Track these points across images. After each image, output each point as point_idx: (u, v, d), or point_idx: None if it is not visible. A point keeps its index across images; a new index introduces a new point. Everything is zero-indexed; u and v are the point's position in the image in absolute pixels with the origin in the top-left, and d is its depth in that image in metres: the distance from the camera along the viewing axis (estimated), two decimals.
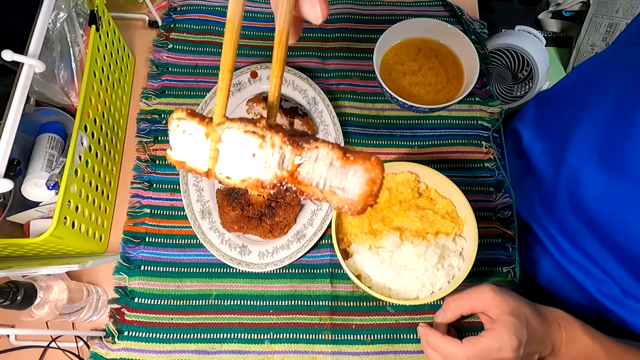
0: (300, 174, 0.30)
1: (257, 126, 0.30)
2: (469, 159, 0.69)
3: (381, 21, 0.79)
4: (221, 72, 0.32)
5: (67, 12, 0.56)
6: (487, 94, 0.74)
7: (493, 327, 0.47)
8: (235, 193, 0.62)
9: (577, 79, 0.64)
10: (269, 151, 0.30)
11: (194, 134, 0.32)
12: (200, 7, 0.79)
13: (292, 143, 0.29)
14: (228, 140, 0.31)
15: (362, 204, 0.29)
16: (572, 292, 0.61)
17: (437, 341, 0.50)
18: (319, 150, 0.29)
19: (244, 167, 0.31)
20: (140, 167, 0.67)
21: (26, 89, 0.46)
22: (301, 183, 0.30)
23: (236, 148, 0.31)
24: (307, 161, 0.29)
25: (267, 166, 0.30)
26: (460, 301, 0.52)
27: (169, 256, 0.63)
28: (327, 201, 0.30)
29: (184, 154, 0.33)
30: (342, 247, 0.59)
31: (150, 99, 0.72)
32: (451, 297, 0.53)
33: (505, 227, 0.65)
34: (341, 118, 0.69)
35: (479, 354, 0.46)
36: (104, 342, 0.57)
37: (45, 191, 0.56)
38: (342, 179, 0.29)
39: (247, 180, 0.31)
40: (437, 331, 0.51)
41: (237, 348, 0.58)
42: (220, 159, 0.31)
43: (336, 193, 0.29)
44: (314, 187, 0.30)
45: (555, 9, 1.53)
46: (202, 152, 0.32)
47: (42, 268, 0.51)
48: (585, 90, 0.59)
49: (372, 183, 0.28)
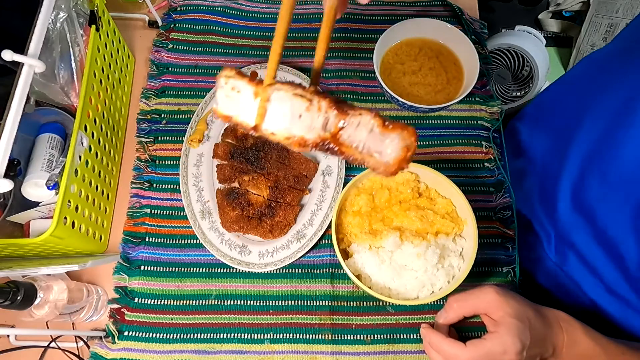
0: (342, 137, 0.33)
1: (305, 91, 0.33)
2: (469, 159, 0.69)
3: (381, 21, 0.79)
4: (275, 38, 0.36)
5: (67, 12, 0.56)
6: (487, 94, 0.74)
7: (496, 330, 0.47)
8: (235, 193, 0.62)
9: (577, 78, 0.64)
10: (315, 114, 0.33)
11: (243, 92, 0.35)
12: (200, 7, 0.79)
13: (338, 108, 0.33)
14: (276, 100, 0.34)
15: (396, 166, 0.33)
16: (570, 292, 0.61)
17: (440, 344, 0.49)
18: (362, 117, 0.33)
19: (290, 126, 0.34)
20: (140, 167, 0.67)
21: (26, 89, 0.46)
22: (342, 144, 0.34)
23: (283, 108, 0.34)
24: (349, 126, 0.33)
25: (311, 127, 0.34)
26: (463, 302, 0.51)
27: (169, 256, 0.63)
28: (363, 162, 0.34)
29: (231, 110, 0.36)
30: (342, 247, 0.59)
31: (150, 99, 0.72)
32: (454, 298, 0.52)
33: (505, 227, 0.65)
34: None
35: (482, 357, 0.46)
36: (104, 342, 0.57)
37: (45, 191, 0.56)
38: (380, 144, 0.33)
39: (291, 137, 0.34)
40: (440, 333, 0.51)
41: (237, 348, 0.58)
42: (267, 116, 0.35)
43: (373, 156, 0.34)
44: (353, 148, 0.34)
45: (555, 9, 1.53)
46: (250, 109, 0.35)
47: (42, 268, 0.51)
48: (587, 90, 0.58)
49: (406, 149, 0.33)
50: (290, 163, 0.64)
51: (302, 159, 0.64)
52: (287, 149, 0.65)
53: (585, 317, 0.51)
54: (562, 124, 0.62)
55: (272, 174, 0.63)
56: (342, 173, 0.64)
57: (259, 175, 0.63)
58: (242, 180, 0.62)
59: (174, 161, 0.67)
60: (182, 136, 0.67)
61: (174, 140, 0.69)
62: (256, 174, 0.63)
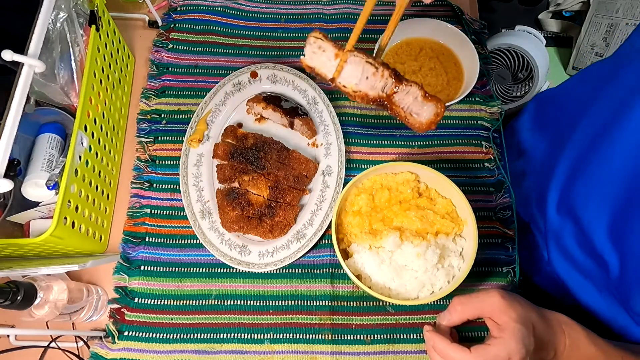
0: (394, 98, 0.47)
1: (375, 61, 0.47)
2: (469, 159, 0.69)
3: (381, 21, 0.79)
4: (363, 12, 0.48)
5: (67, 12, 0.56)
6: (487, 94, 0.74)
7: (501, 335, 0.46)
8: (235, 193, 0.62)
9: (580, 85, 0.64)
10: (378, 78, 0.47)
11: (327, 52, 0.48)
12: (200, 7, 0.79)
13: (395, 78, 0.47)
14: (352, 63, 0.47)
15: (427, 126, 0.49)
16: (566, 294, 0.61)
17: (445, 348, 0.49)
18: (411, 87, 0.47)
19: (358, 83, 0.48)
20: (140, 167, 0.67)
21: (26, 89, 0.46)
22: (393, 103, 0.48)
23: (356, 70, 0.47)
24: (401, 92, 0.47)
25: (374, 87, 0.48)
26: (467, 305, 0.51)
27: (169, 256, 0.63)
28: (405, 119, 0.49)
29: (315, 63, 0.49)
30: (342, 247, 0.59)
31: (150, 99, 0.72)
32: (458, 300, 0.51)
33: (505, 227, 0.65)
34: (341, 118, 0.69)
35: None
36: (104, 342, 0.57)
37: (45, 191, 0.56)
38: (420, 108, 0.48)
39: (357, 91, 0.48)
40: (445, 338, 0.50)
41: (237, 348, 0.58)
42: (343, 73, 0.48)
43: (412, 115, 0.48)
44: (400, 108, 0.48)
45: (555, 9, 1.53)
46: (330, 65, 0.48)
47: (42, 268, 0.51)
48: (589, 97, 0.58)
49: (436, 115, 0.48)
50: (290, 163, 0.64)
51: (302, 159, 0.64)
52: (287, 149, 0.65)
53: (583, 319, 0.51)
54: (559, 127, 0.63)
55: (272, 174, 0.63)
56: (342, 173, 0.64)
57: (259, 175, 0.63)
58: (242, 180, 0.62)
59: (174, 161, 0.67)
60: (182, 136, 0.68)
61: (174, 140, 0.69)
62: (256, 174, 0.63)
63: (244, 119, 0.70)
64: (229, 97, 0.70)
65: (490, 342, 0.47)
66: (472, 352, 0.46)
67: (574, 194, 0.55)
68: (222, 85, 0.70)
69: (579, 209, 0.54)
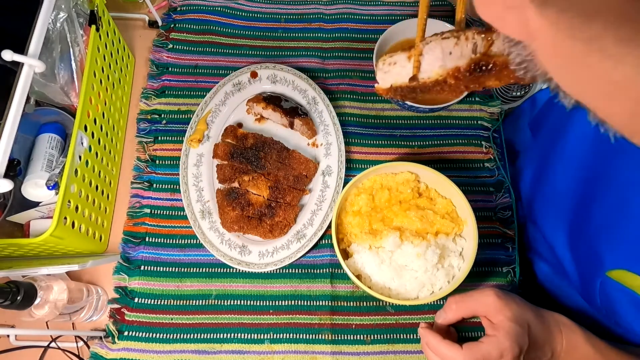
0: (492, 50, 0.39)
1: (451, 32, 0.41)
2: (469, 159, 0.69)
3: (381, 21, 0.79)
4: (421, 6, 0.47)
5: (67, 12, 0.56)
6: (487, 94, 0.74)
7: (495, 333, 0.47)
8: (235, 193, 0.62)
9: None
10: (463, 44, 0.40)
11: (398, 62, 0.45)
12: (200, 7, 0.79)
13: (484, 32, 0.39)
14: (428, 52, 0.43)
15: None
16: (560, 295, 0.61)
17: (437, 345, 0.49)
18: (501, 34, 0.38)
19: (443, 64, 0.42)
20: (140, 167, 0.67)
21: (26, 89, 0.46)
22: (493, 57, 0.38)
23: (435, 53, 0.42)
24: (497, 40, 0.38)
25: (462, 55, 0.40)
26: (462, 304, 0.51)
27: (169, 256, 0.63)
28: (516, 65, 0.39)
29: (390, 80, 0.46)
30: (342, 247, 0.59)
31: (150, 99, 0.72)
32: (454, 299, 0.52)
33: (505, 227, 0.65)
34: (341, 118, 0.69)
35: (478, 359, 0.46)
36: (104, 342, 0.57)
37: (45, 191, 0.56)
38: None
39: (444, 73, 0.42)
40: (437, 335, 0.51)
41: (237, 348, 0.58)
42: (422, 66, 0.43)
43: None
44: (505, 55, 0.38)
45: None
46: (405, 70, 0.45)
47: (42, 268, 0.51)
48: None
49: None
50: (290, 163, 0.64)
51: (302, 159, 0.64)
52: (287, 149, 0.65)
53: (583, 320, 0.51)
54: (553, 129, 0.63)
55: (272, 174, 0.63)
56: (342, 173, 0.64)
57: (259, 175, 0.63)
58: (242, 180, 0.62)
59: (174, 161, 0.67)
60: (182, 136, 0.67)
61: (174, 140, 0.69)
62: (256, 174, 0.63)
63: (244, 119, 0.70)
64: (229, 97, 0.70)
65: (483, 340, 0.47)
66: (463, 349, 0.47)
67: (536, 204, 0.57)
68: (222, 85, 0.70)
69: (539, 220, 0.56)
